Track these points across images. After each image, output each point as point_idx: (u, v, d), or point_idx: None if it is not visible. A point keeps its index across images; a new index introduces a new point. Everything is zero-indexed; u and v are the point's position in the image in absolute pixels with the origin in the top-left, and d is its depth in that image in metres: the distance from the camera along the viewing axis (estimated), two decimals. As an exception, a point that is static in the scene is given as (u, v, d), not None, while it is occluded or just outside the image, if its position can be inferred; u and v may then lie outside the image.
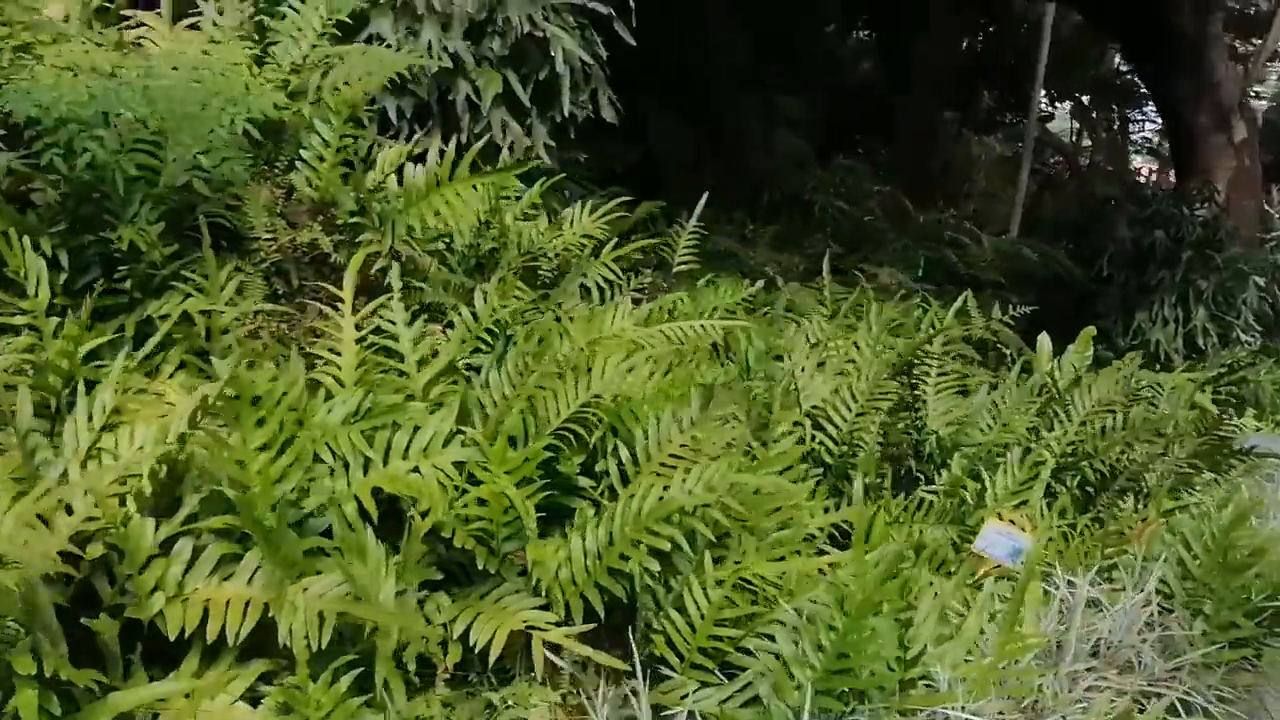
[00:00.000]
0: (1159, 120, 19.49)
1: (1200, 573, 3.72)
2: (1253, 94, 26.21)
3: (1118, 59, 22.63)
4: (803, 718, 2.32)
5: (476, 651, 2.48)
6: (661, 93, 11.03)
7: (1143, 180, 20.25)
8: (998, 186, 22.42)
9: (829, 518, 3.43)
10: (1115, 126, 26.98)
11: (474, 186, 3.54)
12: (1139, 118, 26.16)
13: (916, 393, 4.32)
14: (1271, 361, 12.15)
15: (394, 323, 2.99)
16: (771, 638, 2.56)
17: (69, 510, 2.27)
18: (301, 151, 3.69)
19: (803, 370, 4.33)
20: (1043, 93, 22.93)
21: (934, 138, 17.03)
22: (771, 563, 2.76)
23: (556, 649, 2.56)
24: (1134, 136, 28.15)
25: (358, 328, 3.02)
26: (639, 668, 2.44)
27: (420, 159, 3.71)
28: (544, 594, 2.66)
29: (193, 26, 4.12)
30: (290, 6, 4.07)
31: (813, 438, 3.90)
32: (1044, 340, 6.84)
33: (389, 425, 2.72)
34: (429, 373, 2.95)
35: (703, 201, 6.28)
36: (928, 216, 7.89)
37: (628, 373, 3.31)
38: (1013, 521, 4.00)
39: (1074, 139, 27.74)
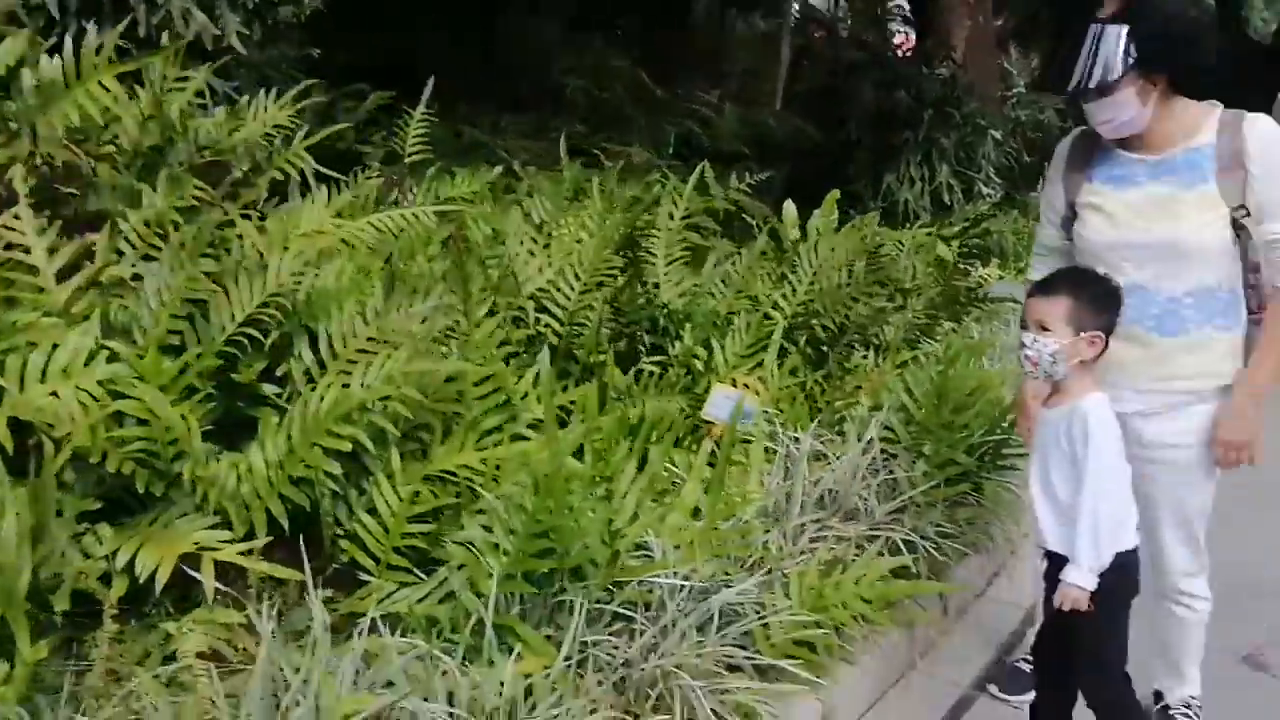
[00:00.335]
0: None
1: (921, 416, 3.81)
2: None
3: (867, -71, 22.87)
4: (491, 604, 2.22)
5: (141, 581, 2.27)
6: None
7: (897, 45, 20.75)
8: (761, 63, 22.63)
9: (552, 400, 3.32)
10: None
11: (127, 79, 3.18)
12: (895, -14, 26.71)
13: (645, 265, 4.25)
14: (1015, 213, 12.84)
15: (24, 233, 2.65)
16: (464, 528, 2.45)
17: None
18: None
19: (530, 253, 4.19)
20: (799, -34, 23.35)
21: (685, 15, 16.95)
22: (465, 452, 2.63)
23: (244, 570, 2.38)
24: (891, 4, 28.90)
25: (-10, 245, 2.68)
26: (309, 576, 2.28)
27: (56, 51, 3.29)
28: (222, 513, 2.46)
29: None
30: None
31: (537, 320, 3.77)
32: (789, 207, 6.91)
33: (22, 347, 2.42)
34: (69, 287, 2.64)
35: (429, 87, 5.99)
36: (667, 93, 7.79)
37: (317, 268, 3.09)
38: (746, 385, 4.01)
39: (832, 10, 28.20)
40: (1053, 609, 2.51)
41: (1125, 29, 2.35)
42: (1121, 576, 2.52)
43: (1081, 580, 2.39)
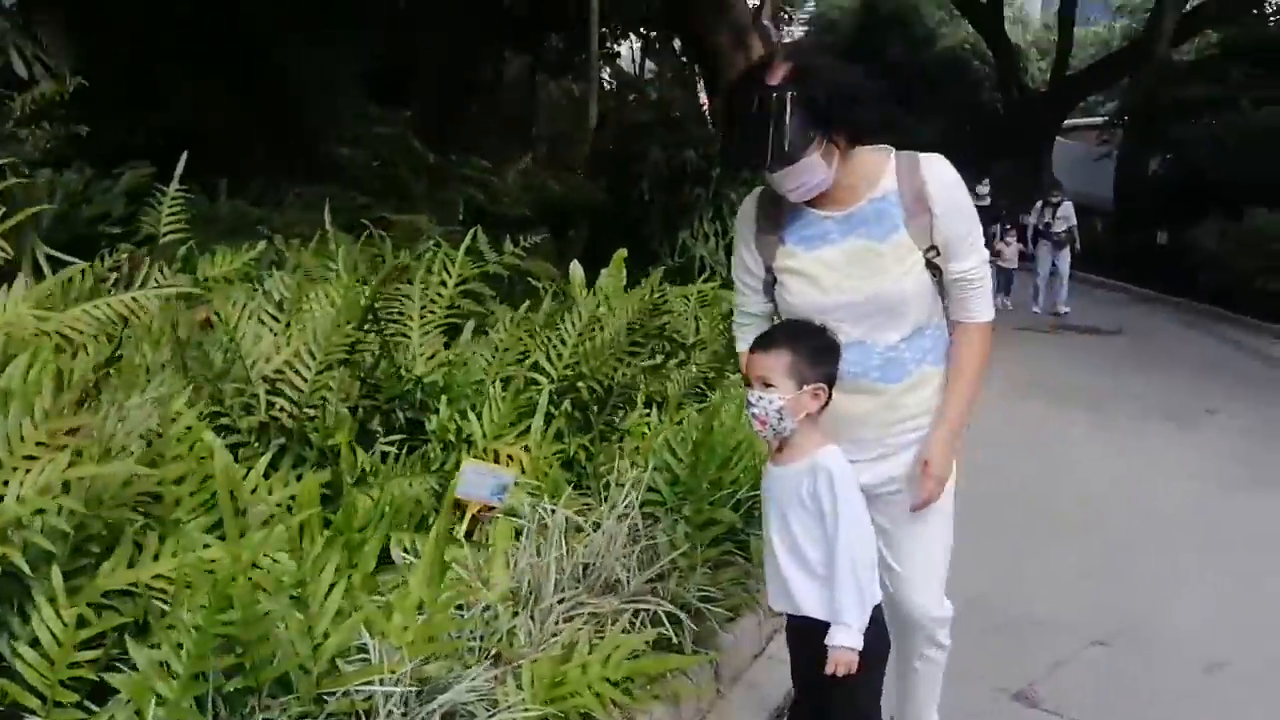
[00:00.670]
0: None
1: (685, 475, 3.71)
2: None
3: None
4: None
5: None
6: (198, 59, 10.12)
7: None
8: (573, 126, 22.81)
9: (285, 492, 3.07)
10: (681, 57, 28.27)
11: None
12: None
13: (395, 338, 4.05)
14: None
15: None
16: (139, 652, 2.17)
17: None
18: None
19: (270, 331, 3.93)
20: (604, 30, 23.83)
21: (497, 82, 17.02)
22: (159, 563, 2.36)
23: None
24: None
25: None
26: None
27: None
28: None
29: None
30: None
31: (270, 405, 3.50)
32: (575, 268, 6.81)
33: None
34: None
35: (182, 162, 5.67)
36: (439, 159, 7.65)
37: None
38: (510, 457, 3.84)
39: (638, 72, 28.85)
40: (813, 675, 2.42)
41: (796, 94, 2.31)
42: (878, 630, 2.47)
43: (851, 641, 2.31)
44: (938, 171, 2.47)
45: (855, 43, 40.69)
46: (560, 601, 3.09)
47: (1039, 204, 15.41)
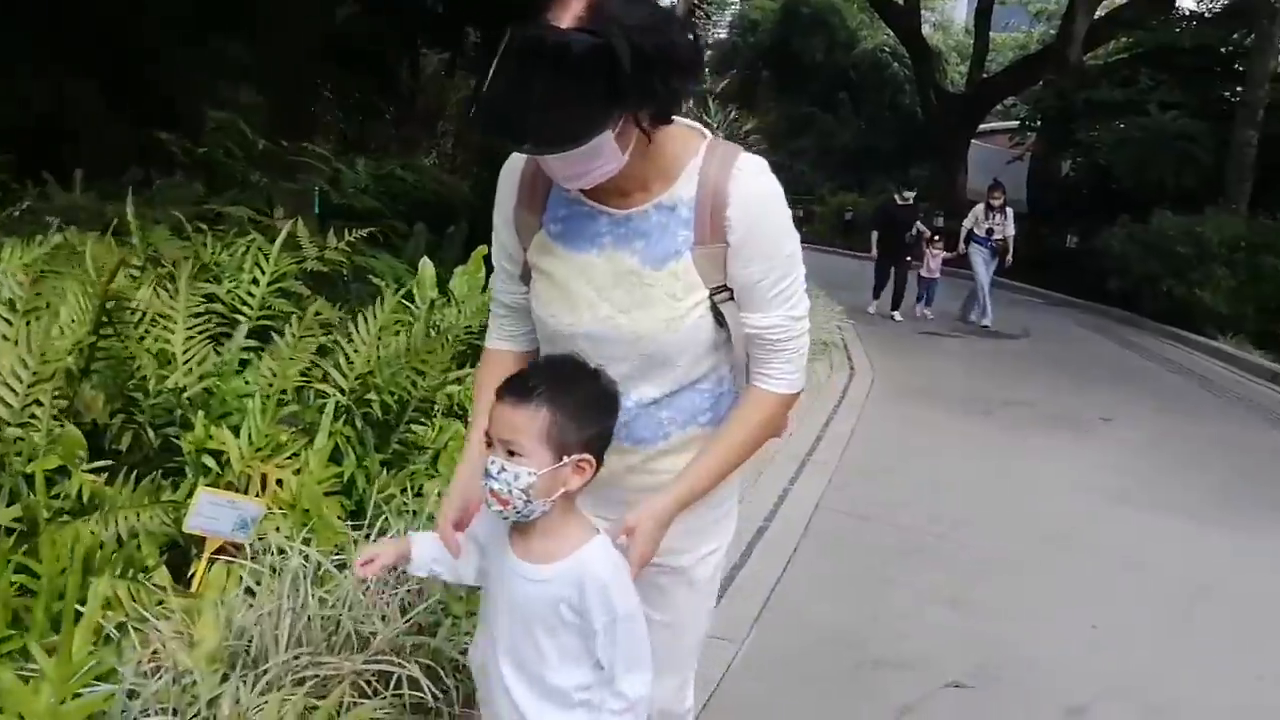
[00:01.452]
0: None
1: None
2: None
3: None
4: None
5: None
6: (70, 57, 9.51)
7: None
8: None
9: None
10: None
11: None
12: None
13: (140, 342, 3.48)
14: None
15: None
16: None
17: None
18: None
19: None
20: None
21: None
22: None
23: None
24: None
25: None
26: None
27: None
28: None
29: None
30: None
31: (-33, 425, 2.93)
32: (424, 265, 6.25)
33: None
34: None
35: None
36: (269, 145, 7.04)
37: None
38: (279, 482, 3.30)
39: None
40: None
41: (593, 45, 1.56)
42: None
43: None
44: (746, 186, 1.77)
45: (776, 44, 40.76)
46: (295, 659, 2.56)
47: (980, 207, 13.99)
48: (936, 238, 14.14)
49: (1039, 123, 21.92)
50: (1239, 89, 16.92)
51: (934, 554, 5.05)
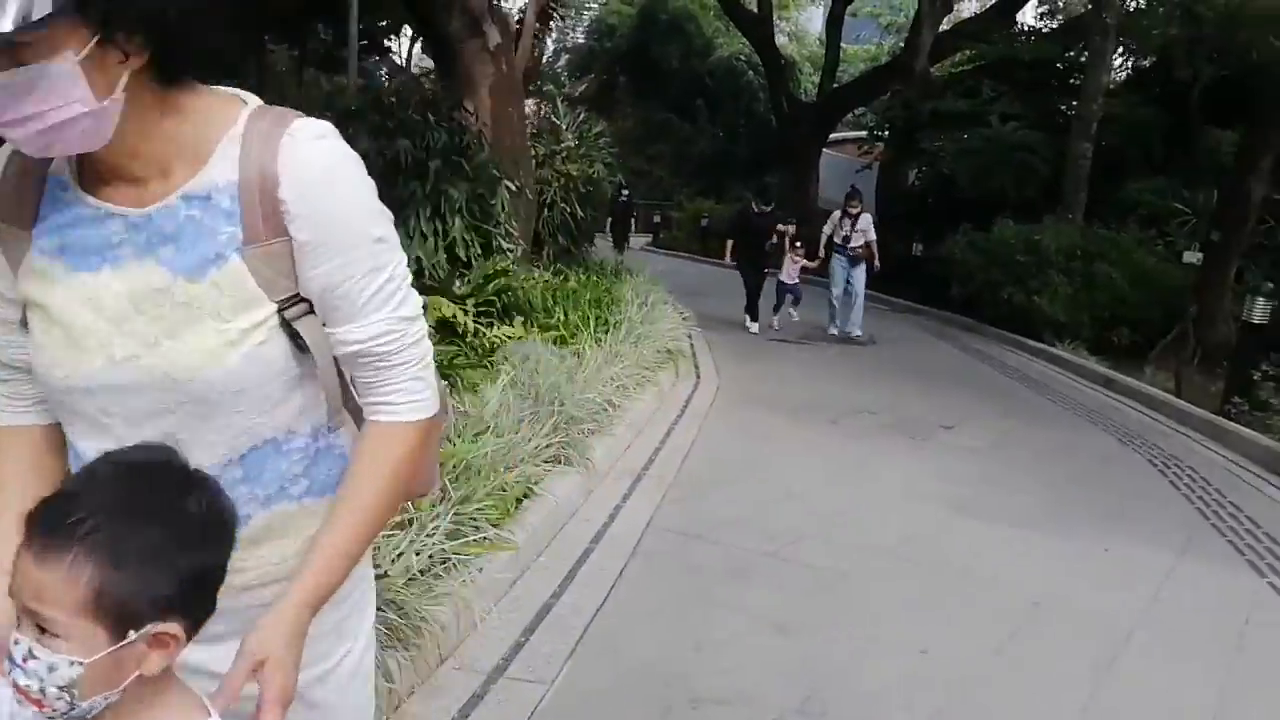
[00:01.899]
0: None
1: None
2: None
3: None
4: None
5: None
6: None
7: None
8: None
9: None
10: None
11: None
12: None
13: None
14: (548, 272, 12.31)
15: None
16: None
17: None
18: None
19: None
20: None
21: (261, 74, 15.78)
22: None
23: None
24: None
25: None
26: None
27: None
28: None
29: None
30: None
31: None
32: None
33: None
34: None
35: None
36: None
37: None
38: None
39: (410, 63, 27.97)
40: None
41: None
42: None
43: None
44: (302, 157, 1.33)
45: (634, 49, 40.78)
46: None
47: (836, 215, 13.80)
48: (799, 244, 13.70)
49: (887, 132, 22.29)
50: (1074, 102, 17.45)
51: (765, 573, 4.81)
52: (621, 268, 15.11)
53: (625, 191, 32.78)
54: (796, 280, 13.57)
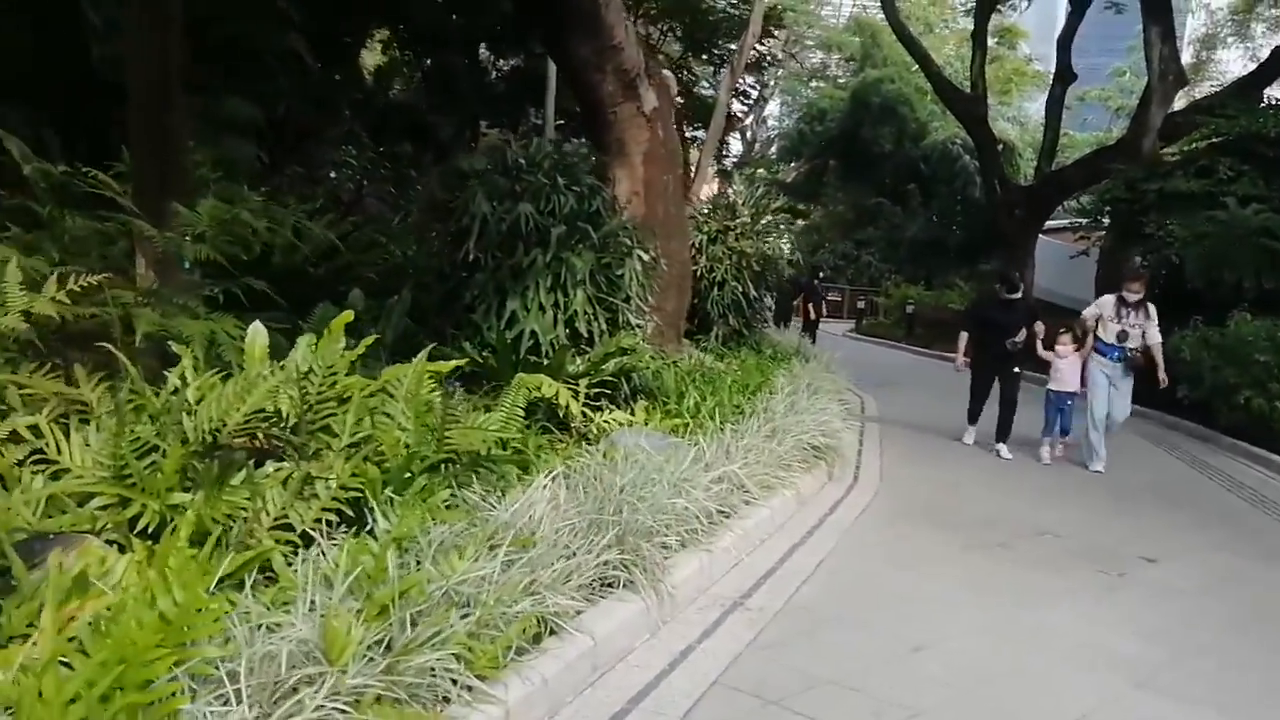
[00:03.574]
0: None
1: None
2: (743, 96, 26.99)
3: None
4: None
5: None
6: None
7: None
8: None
9: None
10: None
11: None
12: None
13: None
14: (743, 351, 11.32)
15: None
16: None
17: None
18: None
19: None
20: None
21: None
22: None
23: None
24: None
25: None
26: None
27: None
28: None
29: None
30: None
31: None
32: (256, 332, 5.05)
33: None
34: None
35: None
36: (64, 174, 5.93)
37: None
38: None
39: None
40: None
41: None
42: None
43: None
44: None
45: (845, 133, 39.77)
46: None
47: (1108, 301, 10.34)
48: (1063, 331, 10.62)
49: (1107, 216, 20.29)
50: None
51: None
52: (800, 352, 14.01)
53: (820, 274, 31.73)
54: (1076, 389, 10.47)
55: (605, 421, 6.93)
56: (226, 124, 11.81)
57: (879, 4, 30.31)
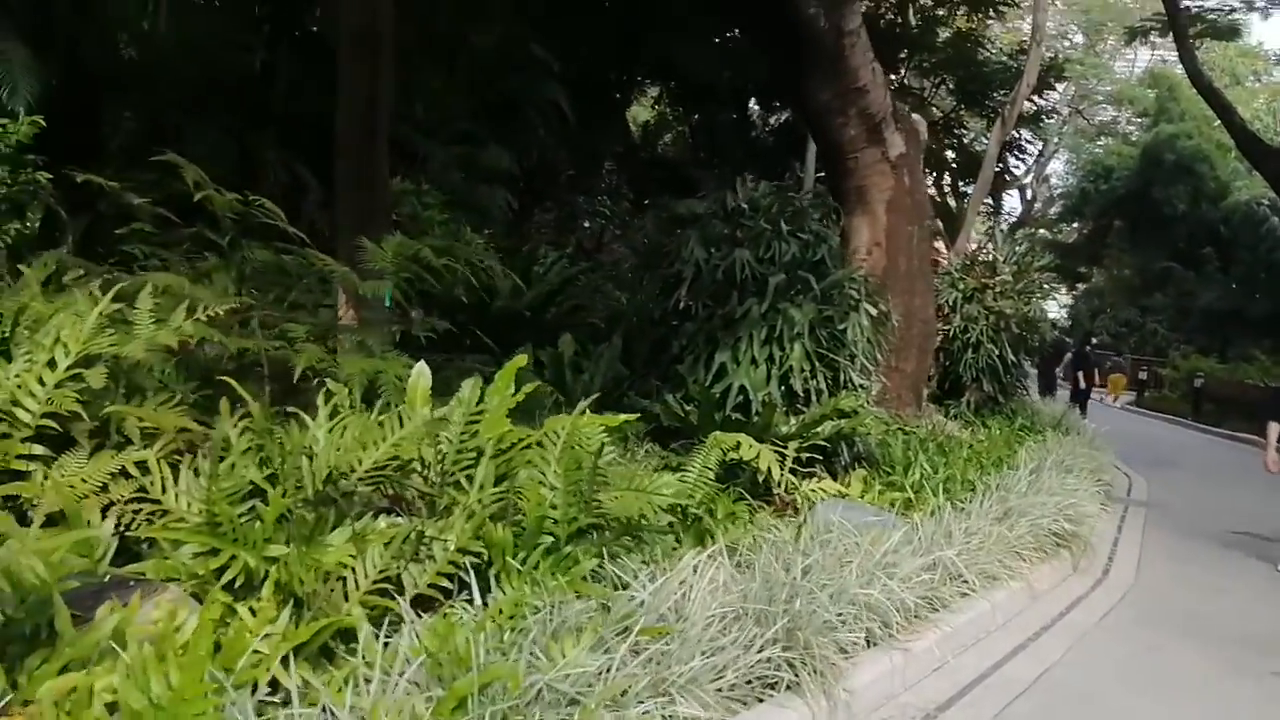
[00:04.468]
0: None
1: None
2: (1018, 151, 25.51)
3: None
4: None
5: None
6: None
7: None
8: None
9: None
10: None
11: None
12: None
13: None
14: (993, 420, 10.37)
15: None
16: None
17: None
18: None
19: None
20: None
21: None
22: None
23: None
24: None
25: None
26: None
27: None
28: None
29: None
30: None
31: None
32: (420, 373, 4.81)
33: None
34: None
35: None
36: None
37: None
38: None
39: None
40: None
41: None
42: None
43: None
44: None
45: (1133, 192, 37.03)
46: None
47: None
48: None
49: None
50: None
51: None
52: (1062, 424, 12.81)
53: (1092, 340, 29.41)
54: None
55: (811, 490, 6.31)
56: (484, 173, 12.06)
57: (1177, 55, 28.10)
